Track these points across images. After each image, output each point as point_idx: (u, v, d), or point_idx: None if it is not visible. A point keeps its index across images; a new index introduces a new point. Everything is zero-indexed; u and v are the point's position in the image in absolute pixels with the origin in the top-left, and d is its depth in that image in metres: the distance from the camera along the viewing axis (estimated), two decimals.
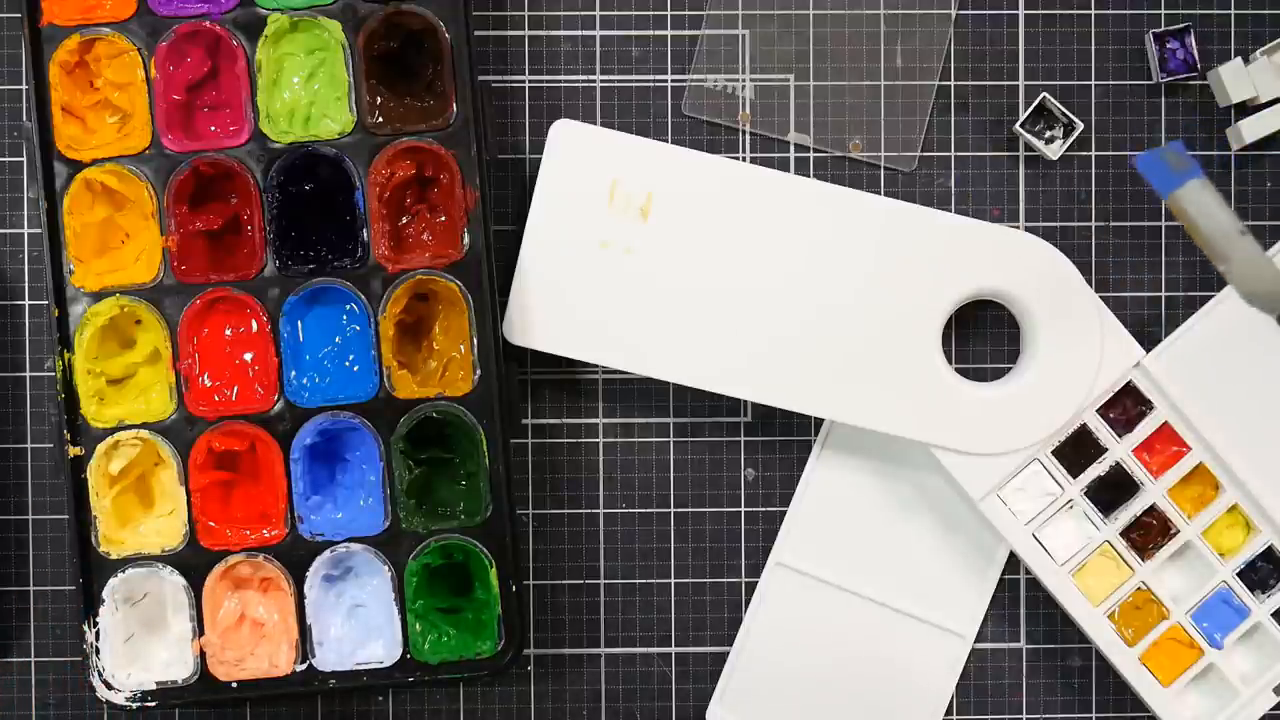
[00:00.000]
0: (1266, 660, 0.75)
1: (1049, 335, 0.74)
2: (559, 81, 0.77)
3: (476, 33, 0.74)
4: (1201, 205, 0.64)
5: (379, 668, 0.73)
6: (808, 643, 0.77)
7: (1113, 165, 0.77)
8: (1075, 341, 0.74)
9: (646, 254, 0.74)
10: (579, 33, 0.77)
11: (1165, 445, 0.75)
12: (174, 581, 0.73)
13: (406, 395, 0.73)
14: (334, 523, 0.73)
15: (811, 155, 0.77)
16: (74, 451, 0.73)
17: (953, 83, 0.77)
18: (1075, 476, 0.75)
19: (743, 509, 0.78)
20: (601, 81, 0.77)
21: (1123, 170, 0.77)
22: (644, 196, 0.74)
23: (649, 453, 0.78)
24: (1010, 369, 0.77)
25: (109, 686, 0.73)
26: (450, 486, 0.75)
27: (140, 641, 0.74)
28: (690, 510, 0.78)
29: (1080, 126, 0.75)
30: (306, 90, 0.73)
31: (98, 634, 0.73)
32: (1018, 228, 0.77)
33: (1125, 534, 0.75)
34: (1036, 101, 0.76)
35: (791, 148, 0.77)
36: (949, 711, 0.77)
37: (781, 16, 0.77)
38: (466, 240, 0.72)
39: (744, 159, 0.77)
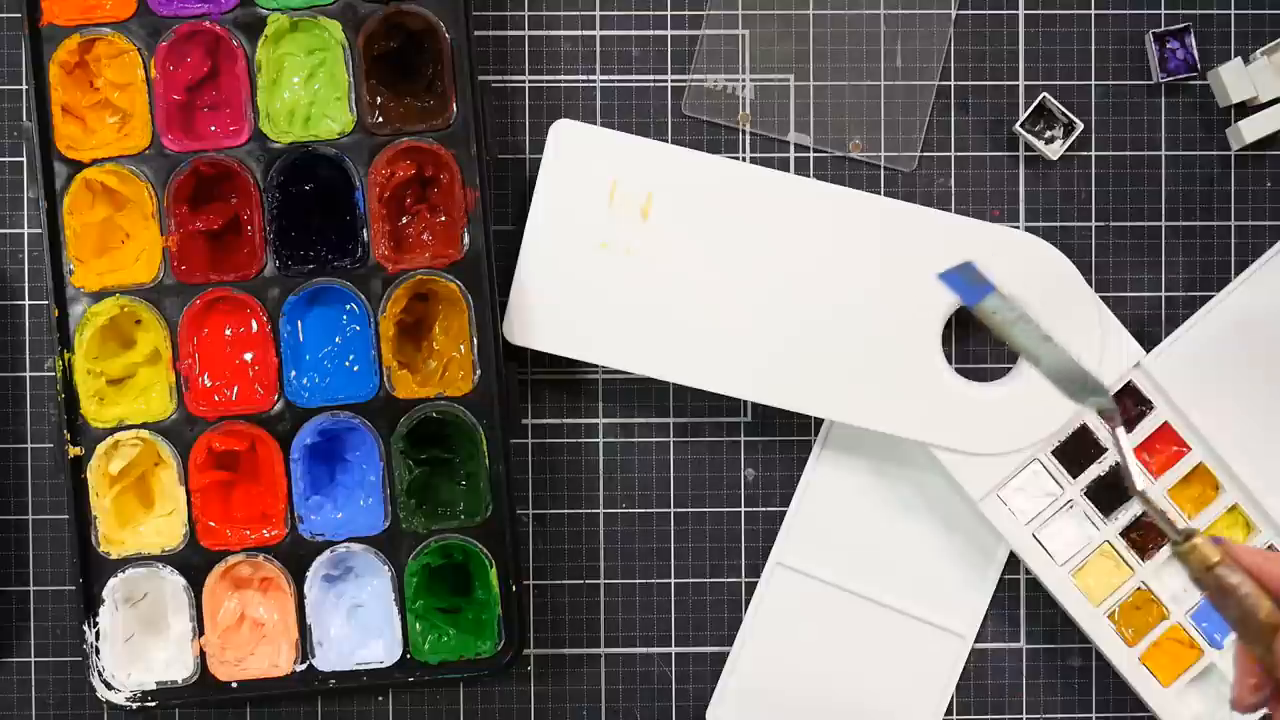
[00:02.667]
0: None
1: None
2: (559, 81, 0.77)
3: (476, 33, 0.74)
4: (1004, 315, 0.67)
5: (379, 668, 0.73)
6: (808, 643, 0.77)
7: (1113, 165, 0.77)
8: (1075, 341, 0.73)
9: (647, 254, 0.74)
10: (579, 33, 0.77)
11: (1165, 445, 0.75)
12: (174, 581, 0.73)
13: (406, 395, 0.73)
14: (334, 523, 0.73)
15: (811, 155, 0.77)
16: (74, 451, 0.72)
17: (953, 83, 0.77)
18: (1075, 476, 0.75)
19: (743, 509, 0.78)
20: (601, 81, 0.77)
21: (1123, 170, 0.77)
22: (644, 196, 0.74)
23: (649, 453, 0.78)
24: (1010, 369, 0.77)
25: (109, 686, 0.73)
26: (450, 486, 0.75)
27: (140, 641, 0.74)
28: (690, 510, 0.78)
29: (1080, 126, 0.75)
30: (306, 90, 0.73)
31: (98, 634, 0.73)
32: (1018, 228, 0.77)
33: (1125, 534, 0.75)
34: (1036, 101, 0.76)
35: (791, 148, 0.77)
36: (949, 711, 0.77)
37: (781, 16, 0.77)
38: (466, 240, 0.72)
39: (744, 159, 0.77)
